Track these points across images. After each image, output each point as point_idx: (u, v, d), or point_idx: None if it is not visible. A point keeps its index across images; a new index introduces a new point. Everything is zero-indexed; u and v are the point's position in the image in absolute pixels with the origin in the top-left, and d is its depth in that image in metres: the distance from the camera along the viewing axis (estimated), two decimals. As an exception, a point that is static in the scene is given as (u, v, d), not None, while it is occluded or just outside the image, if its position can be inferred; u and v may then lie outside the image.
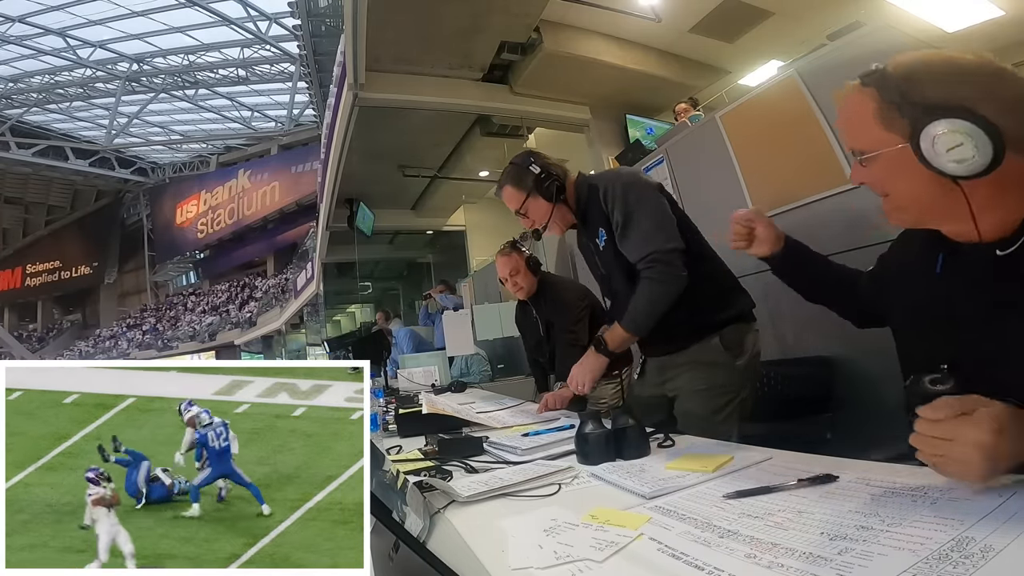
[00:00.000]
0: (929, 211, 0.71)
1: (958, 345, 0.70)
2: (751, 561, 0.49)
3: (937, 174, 0.64)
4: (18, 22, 15.90)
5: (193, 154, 25.29)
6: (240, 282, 23.83)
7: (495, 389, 2.87)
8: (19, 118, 20.46)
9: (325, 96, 10.77)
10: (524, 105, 4.58)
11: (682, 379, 1.45)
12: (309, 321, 16.41)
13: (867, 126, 0.70)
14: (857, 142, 0.73)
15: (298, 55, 16.81)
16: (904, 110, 0.66)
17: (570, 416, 1.49)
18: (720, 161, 2.51)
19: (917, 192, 0.69)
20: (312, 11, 13.08)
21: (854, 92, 0.73)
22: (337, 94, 5.24)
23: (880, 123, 0.69)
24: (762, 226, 1.05)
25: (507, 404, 1.91)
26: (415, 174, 5.97)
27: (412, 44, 3.90)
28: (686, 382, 1.44)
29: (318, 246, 9.16)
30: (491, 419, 1.53)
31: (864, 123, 0.70)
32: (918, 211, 0.72)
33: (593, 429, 0.95)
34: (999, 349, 0.65)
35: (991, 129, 0.59)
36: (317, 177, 11.30)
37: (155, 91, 19.60)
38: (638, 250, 1.39)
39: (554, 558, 0.56)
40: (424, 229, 7.75)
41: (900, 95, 0.67)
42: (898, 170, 0.68)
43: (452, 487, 0.81)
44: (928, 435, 0.54)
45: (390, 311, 6.08)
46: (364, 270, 8.65)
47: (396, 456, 1.17)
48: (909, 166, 0.66)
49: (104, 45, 17.55)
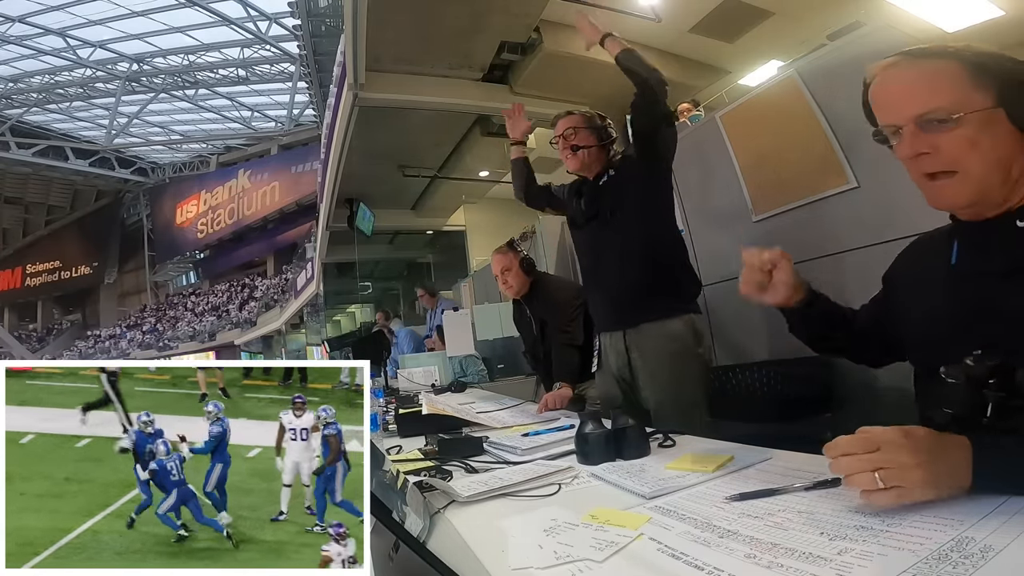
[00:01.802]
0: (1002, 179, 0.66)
1: (982, 336, 0.67)
2: (751, 561, 0.49)
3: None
4: (18, 22, 15.91)
5: (193, 154, 25.30)
6: (240, 282, 23.84)
7: (495, 389, 2.87)
8: (19, 118, 20.47)
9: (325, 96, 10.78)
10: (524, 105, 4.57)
11: (648, 344, 1.59)
12: (309, 321, 16.42)
13: (954, 84, 0.66)
14: (937, 100, 0.66)
15: (298, 55, 16.83)
16: (993, 72, 0.65)
17: (570, 416, 1.49)
18: (720, 161, 2.50)
19: (1005, 154, 0.65)
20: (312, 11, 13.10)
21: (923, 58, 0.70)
22: (337, 94, 5.24)
23: (971, 81, 0.66)
24: (783, 271, 0.89)
25: (507, 404, 1.91)
26: (415, 174, 5.97)
27: (412, 44, 3.90)
28: (652, 346, 1.59)
29: (318, 246, 9.16)
30: (491, 419, 1.52)
31: (950, 80, 0.66)
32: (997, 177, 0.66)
33: (593, 429, 0.95)
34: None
35: None
36: (317, 177, 11.31)
37: (155, 91, 19.61)
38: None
39: (554, 558, 0.56)
40: (424, 229, 7.75)
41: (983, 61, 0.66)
42: (987, 131, 0.65)
43: (452, 487, 0.80)
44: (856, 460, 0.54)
45: (390, 311, 6.08)
46: (364, 270, 8.65)
47: (396, 456, 1.17)
48: (1000, 127, 0.65)
49: (104, 45, 17.56)
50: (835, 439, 0.57)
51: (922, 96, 0.67)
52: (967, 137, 0.65)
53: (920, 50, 0.70)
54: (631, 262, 1.60)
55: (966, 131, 0.65)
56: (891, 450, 0.53)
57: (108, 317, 26.64)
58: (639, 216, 1.61)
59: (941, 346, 0.74)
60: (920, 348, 0.81)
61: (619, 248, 1.63)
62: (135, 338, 23.65)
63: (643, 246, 1.60)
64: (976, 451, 0.52)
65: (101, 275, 26.97)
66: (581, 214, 1.76)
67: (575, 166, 1.73)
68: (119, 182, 25.59)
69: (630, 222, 1.62)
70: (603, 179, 1.70)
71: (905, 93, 0.69)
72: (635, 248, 1.60)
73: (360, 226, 6.60)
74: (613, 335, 1.71)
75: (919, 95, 0.68)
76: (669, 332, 1.58)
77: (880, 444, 0.53)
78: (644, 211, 1.62)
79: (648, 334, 1.60)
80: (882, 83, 0.73)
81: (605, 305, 1.73)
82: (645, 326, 1.60)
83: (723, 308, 2.35)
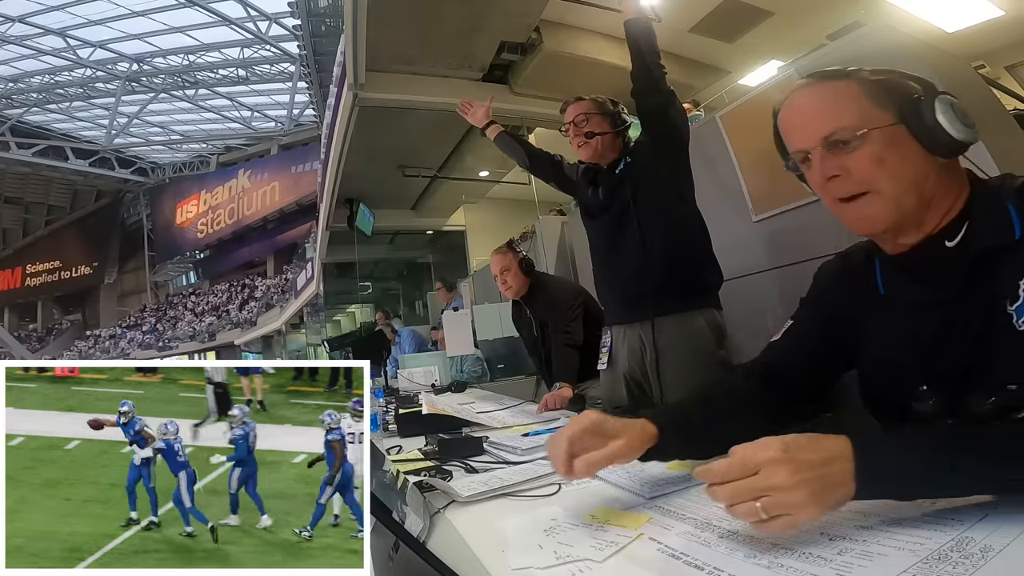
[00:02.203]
0: (916, 199, 0.65)
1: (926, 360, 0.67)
2: (751, 561, 0.49)
3: (930, 152, 0.64)
4: (18, 22, 15.91)
5: (193, 154, 25.30)
6: (240, 282, 23.84)
7: (495, 389, 2.87)
8: (19, 118, 20.46)
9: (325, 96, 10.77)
10: (524, 105, 4.58)
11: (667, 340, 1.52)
12: (309, 321, 16.41)
13: (855, 103, 0.66)
14: (841, 120, 0.66)
15: (298, 55, 16.83)
16: (891, 91, 0.66)
17: (570, 416, 1.48)
18: (720, 161, 2.50)
19: (913, 172, 0.64)
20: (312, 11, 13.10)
21: (824, 81, 0.70)
22: (337, 94, 5.24)
23: (870, 100, 0.66)
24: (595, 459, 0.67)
25: (507, 404, 1.91)
26: (415, 174, 5.98)
27: (412, 44, 3.90)
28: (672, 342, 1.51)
29: (318, 246, 9.16)
30: (491, 419, 1.52)
31: (852, 101, 0.66)
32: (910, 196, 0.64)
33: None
34: (970, 344, 0.63)
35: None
36: (317, 177, 11.31)
37: (155, 91, 19.61)
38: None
39: (554, 558, 0.56)
40: (424, 229, 7.75)
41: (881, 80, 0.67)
42: (893, 148, 0.64)
43: (452, 487, 0.80)
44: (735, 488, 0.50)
45: (390, 311, 6.08)
46: (364, 270, 8.65)
47: (396, 456, 1.17)
48: (904, 144, 0.64)
49: (104, 45, 17.56)
50: (709, 464, 0.52)
51: (826, 118, 0.67)
52: (874, 154, 0.64)
53: (820, 73, 0.71)
54: (652, 252, 1.52)
55: (872, 148, 0.64)
56: (770, 471, 0.49)
57: (108, 317, 26.63)
58: (662, 203, 1.54)
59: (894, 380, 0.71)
60: (870, 382, 0.77)
61: (640, 238, 1.54)
62: (135, 338, 23.65)
63: (666, 234, 1.52)
64: (857, 459, 0.50)
65: (101, 275, 26.97)
66: (598, 204, 1.68)
67: (588, 155, 1.64)
68: (119, 182, 25.58)
69: (653, 210, 1.54)
70: (619, 167, 1.61)
71: (810, 117, 0.69)
72: (657, 238, 1.52)
73: (360, 226, 6.60)
74: (628, 330, 1.62)
75: (824, 117, 0.67)
76: (690, 328, 1.50)
77: (758, 466, 0.49)
78: (666, 197, 1.54)
79: (667, 329, 1.51)
80: (788, 110, 0.72)
81: (621, 298, 1.64)
82: (664, 320, 1.51)
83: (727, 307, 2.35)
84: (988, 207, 0.63)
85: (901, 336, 0.70)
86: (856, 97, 0.66)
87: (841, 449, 0.50)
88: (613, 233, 1.63)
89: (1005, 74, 4.21)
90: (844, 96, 0.67)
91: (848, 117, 0.66)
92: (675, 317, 1.51)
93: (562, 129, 1.69)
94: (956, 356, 0.64)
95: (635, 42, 1.51)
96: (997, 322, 0.60)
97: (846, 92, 0.67)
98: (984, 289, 0.62)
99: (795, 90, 0.72)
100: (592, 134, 1.60)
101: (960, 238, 0.64)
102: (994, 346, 0.61)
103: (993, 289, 0.61)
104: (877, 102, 0.66)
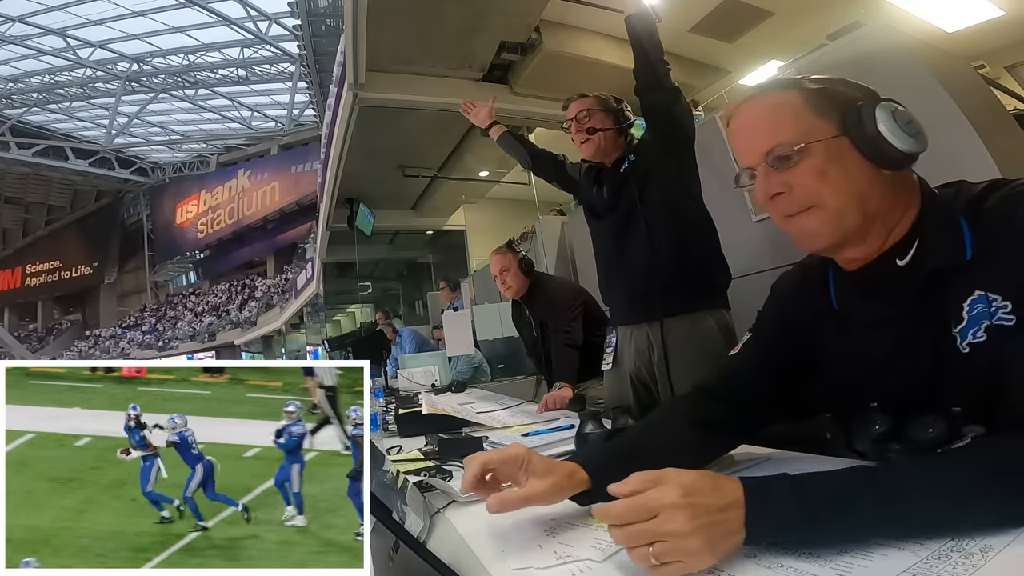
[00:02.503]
0: (861, 215, 0.62)
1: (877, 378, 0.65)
2: (751, 561, 0.49)
3: (875, 164, 0.61)
4: (18, 22, 15.91)
5: (193, 154, 25.31)
6: (240, 282, 23.85)
7: (495, 389, 2.87)
8: (19, 118, 20.47)
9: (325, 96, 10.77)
10: (524, 105, 4.58)
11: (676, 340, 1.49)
12: (309, 321, 16.41)
13: (796, 116, 0.63)
14: (780, 135, 0.63)
15: (298, 55, 16.83)
16: (833, 100, 0.63)
17: (570, 416, 1.49)
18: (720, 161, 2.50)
19: (856, 186, 0.61)
20: (312, 11, 13.09)
21: (764, 94, 0.67)
22: (337, 94, 5.24)
23: (810, 111, 0.63)
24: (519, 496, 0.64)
25: (507, 404, 1.91)
26: (415, 174, 5.98)
27: (412, 44, 3.90)
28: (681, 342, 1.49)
29: (318, 246, 9.16)
30: (491, 419, 1.53)
31: (792, 113, 0.63)
32: (855, 212, 0.61)
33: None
34: (920, 364, 0.62)
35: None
36: (317, 177, 11.31)
37: (155, 91, 19.61)
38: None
39: (554, 558, 0.56)
40: (424, 229, 7.75)
41: (822, 89, 0.64)
42: (835, 161, 0.61)
43: (452, 487, 0.80)
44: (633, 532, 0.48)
45: (390, 311, 6.08)
46: (364, 270, 8.64)
47: (396, 456, 1.17)
48: (848, 157, 0.61)
49: (104, 45, 17.56)
50: (609, 504, 0.49)
51: (768, 132, 0.64)
52: (815, 168, 0.61)
53: (763, 85, 0.68)
54: (660, 252, 1.50)
55: (813, 162, 0.62)
56: (668, 517, 0.47)
57: (108, 317, 26.64)
58: (668, 201, 1.52)
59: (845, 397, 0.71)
60: (822, 395, 0.76)
61: (647, 237, 1.51)
62: (135, 338, 23.65)
63: (673, 234, 1.50)
64: (748, 506, 0.48)
65: (101, 275, 26.97)
66: (603, 204, 1.65)
67: (591, 151, 1.61)
68: (119, 182, 25.59)
69: (660, 209, 1.52)
70: (623, 165, 1.59)
71: (752, 132, 0.66)
72: (665, 237, 1.50)
73: (360, 226, 6.60)
74: (635, 330, 1.60)
75: (765, 131, 0.65)
76: (700, 329, 1.48)
77: (658, 509, 0.47)
78: (673, 195, 1.53)
79: (676, 329, 1.49)
80: (733, 126, 0.69)
81: (627, 297, 1.61)
82: (673, 321, 1.49)
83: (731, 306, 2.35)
84: (940, 223, 0.61)
85: (853, 353, 0.68)
86: (797, 109, 0.63)
87: (737, 495, 0.49)
88: (620, 233, 1.60)
89: (1005, 74, 4.21)
90: (785, 109, 0.64)
91: (788, 131, 0.63)
92: (684, 317, 1.49)
93: (564, 125, 1.67)
94: (907, 375, 0.63)
95: (638, 39, 1.49)
96: (945, 344, 0.59)
97: (787, 104, 0.64)
98: (935, 309, 0.60)
99: (739, 105, 0.69)
100: (594, 130, 1.58)
101: (911, 257, 0.62)
102: (942, 368, 0.59)
103: (943, 309, 0.59)
104: (819, 113, 0.63)
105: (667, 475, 0.50)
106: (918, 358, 0.62)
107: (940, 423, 0.58)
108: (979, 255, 0.57)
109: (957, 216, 0.59)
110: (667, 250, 1.49)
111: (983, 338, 0.56)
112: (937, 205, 0.62)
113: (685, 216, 1.53)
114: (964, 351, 0.57)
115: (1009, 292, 0.55)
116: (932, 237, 0.61)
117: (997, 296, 0.55)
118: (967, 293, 0.57)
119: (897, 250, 0.63)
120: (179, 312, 24.49)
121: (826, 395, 0.74)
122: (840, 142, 0.61)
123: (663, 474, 0.50)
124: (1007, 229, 0.56)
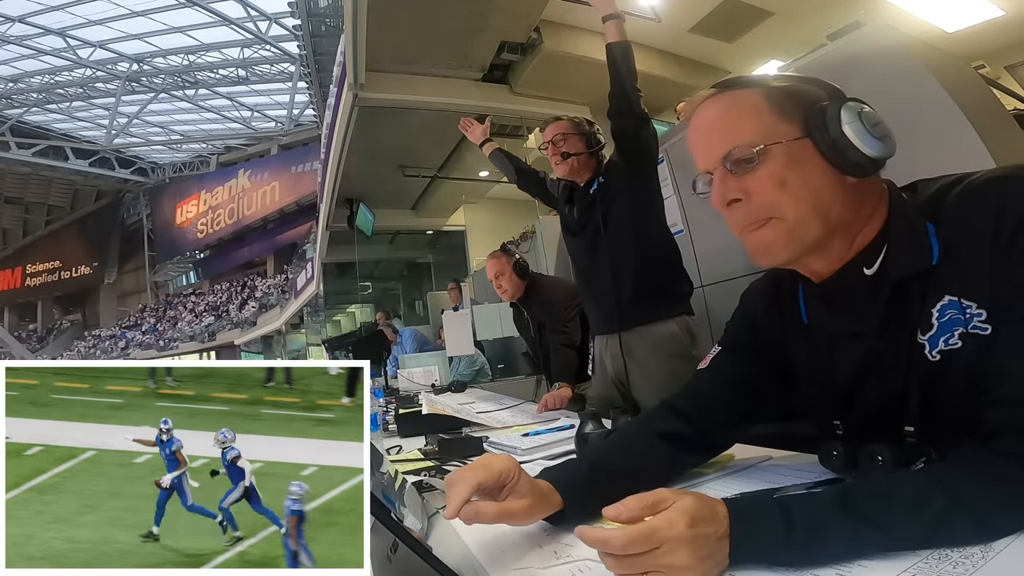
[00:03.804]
0: (823, 226, 0.58)
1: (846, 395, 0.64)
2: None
3: (839, 171, 0.57)
4: (18, 22, 15.91)
5: (193, 154, 25.30)
6: (240, 282, 23.83)
7: (495, 389, 2.87)
8: (19, 118, 20.46)
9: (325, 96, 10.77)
10: (524, 105, 4.59)
11: (643, 346, 1.62)
12: (309, 321, 16.41)
13: (758, 114, 0.59)
14: (739, 137, 0.58)
15: (298, 55, 16.81)
16: (796, 99, 0.59)
17: (570, 416, 1.49)
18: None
19: (816, 194, 0.57)
20: (312, 11, 13.07)
21: (724, 92, 0.63)
22: (337, 94, 5.24)
23: (772, 111, 0.58)
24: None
25: (507, 404, 1.91)
26: (415, 174, 5.98)
27: (412, 44, 3.91)
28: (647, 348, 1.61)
29: (318, 246, 9.16)
30: (491, 419, 1.53)
31: (753, 113, 0.59)
32: (814, 222, 0.58)
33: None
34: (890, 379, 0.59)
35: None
36: (317, 177, 11.31)
37: (155, 91, 19.61)
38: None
39: (554, 558, 0.56)
40: (424, 229, 7.76)
41: (785, 87, 0.61)
42: (795, 166, 0.57)
43: (452, 487, 0.80)
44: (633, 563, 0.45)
45: (390, 311, 6.08)
46: (364, 270, 8.65)
47: (396, 456, 1.17)
48: (810, 162, 0.57)
49: (104, 45, 17.56)
50: (608, 532, 0.45)
51: (726, 133, 0.60)
52: (774, 176, 0.57)
53: (724, 83, 0.64)
54: (625, 267, 1.62)
55: (773, 168, 0.57)
56: (671, 547, 0.44)
57: (108, 317, 26.63)
58: (632, 221, 1.64)
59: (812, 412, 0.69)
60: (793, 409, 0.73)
61: (613, 254, 1.65)
62: (135, 338, 23.65)
63: (636, 251, 1.62)
64: (732, 533, 0.46)
65: (101, 275, 26.96)
66: (575, 221, 1.78)
67: (564, 172, 1.74)
68: (119, 182, 25.58)
69: (623, 228, 1.64)
70: (593, 186, 1.71)
71: (710, 133, 0.62)
72: (629, 254, 1.62)
73: (360, 226, 6.60)
74: (609, 339, 1.72)
75: (723, 132, 0.60)
76: (663, 334, 1.60)
77: (663, 541, 0.44)
78: (636, 215, 1.64)
79: (642, 336, 1.62)
80: (691, 126, 0.65)
81: (600, 309, 1.74)
82: (639, 329, 1.63)
83: (723, 308, 2.35)
84: (907, 228, 0.57)
85: (821, 368, 0.66)
86: (759, 108, 0.59)
87: (726, 524, 0.46)
88: (590, 249, 1.73)
89: (1005, 74, 4.21)
90: (745, 108, 0.60)
91: (748, 132, 0.58)
92: (642, 329, 1.62)
93: (541, 147, 1.78)
94: (877, 392, 0.60)
95: (616, 65, 1.55)
96: (915, 354, 0.56)
97: (748, 103, 0.60)
98: (904, 319, 0.57)
99: (696, 104, 0.64)
100: (568, 155, 1.69)
101: (879, 265, 0.59)
102: (911, 380, 0.57)
103: (912, 318, 0.56)
104: (781, 113, 0.58)
105: (665, 499, 0.46)
106: (889, 374, 0.59)
107: (887, 452, 0.55)
108: (944, 259, 0.54)
109: (921, 219, 0.56)
110: (628, 267, 1.62)
111: (957, 345, 0.53)
112: (904, 209, 0.59)
113: (646, 235, 1.64)
114: (933, 359, 0.55)
115: (983, 300, 0.52)
116: (899, 243, 0.58)
117: (972, 303, 0.53)
118: (936, 299, 0.55)
119: (863, 258, 0.59)
120: (179, 312, 24.48)
121: (799, 411, 0.72)
122: (803, 145, 0.57)
123: (660, 499, 0.47)
124: (967, 230, 0.53)
